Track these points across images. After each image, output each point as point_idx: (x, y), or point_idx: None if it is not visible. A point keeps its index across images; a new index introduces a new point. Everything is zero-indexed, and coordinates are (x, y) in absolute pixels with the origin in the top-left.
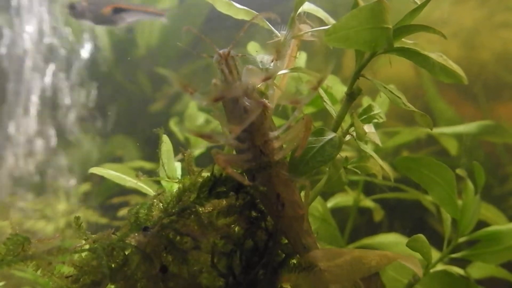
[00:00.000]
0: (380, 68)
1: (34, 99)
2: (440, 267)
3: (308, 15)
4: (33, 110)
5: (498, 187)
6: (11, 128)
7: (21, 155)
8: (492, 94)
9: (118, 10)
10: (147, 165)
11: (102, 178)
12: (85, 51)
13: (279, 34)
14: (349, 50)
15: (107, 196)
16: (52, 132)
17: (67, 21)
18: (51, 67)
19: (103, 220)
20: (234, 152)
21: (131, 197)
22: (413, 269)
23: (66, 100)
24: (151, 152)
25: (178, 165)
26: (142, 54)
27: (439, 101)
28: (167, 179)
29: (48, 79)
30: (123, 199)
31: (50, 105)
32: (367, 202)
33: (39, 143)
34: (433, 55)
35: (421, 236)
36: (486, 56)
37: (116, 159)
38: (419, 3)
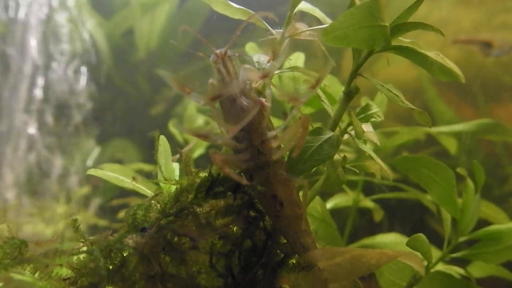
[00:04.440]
0: (379, 70)
1: (32, 101)
2: (440, 266)
3: (305, 14)
4: (32, 111)
5: (498, 187)
6: (8, 130)
7: (20, 158)
8: (491, 95)
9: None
10: (146, 167)
11: (101, 181)
12: (85, 54)
13: (274, 33)
14: (347, 51)
15: (107, 199)
16: (51, 134)
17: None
18: (51, 68)
19: (103, 222)
20: (232, 152)
21: (131, 199)
22: (415, 267)
23: (66, 102)
24: (151, 155)
25: (176, 166)
26: (141, 57)
27: (438, 103)
28: (165, 181)
29: (47, 80)
30: (123, 201)
31: (49, 107)
32: (367, 203)
33: (37, 145)
34: (431, 54)
35: (421, 235)
36: (485, 57)
37: (116, 162)
38: None
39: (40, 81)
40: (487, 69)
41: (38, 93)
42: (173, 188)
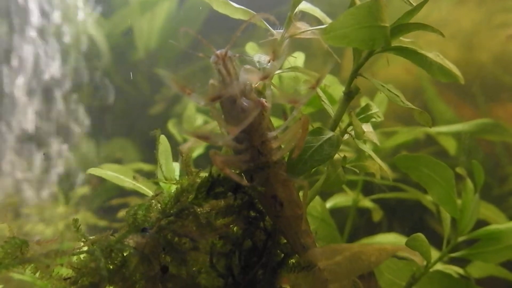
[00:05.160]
0: (379, 70)
1: (32, 100)
2: (439, 266)
3: (305, 14)
4: (32, 112)
5: (497, 187)
6: (7, 129)
7: (19, 157)
8: (491, 95)
9: None
10: (146, 167)
11: (101, 180)
12: (84, 54)
13: (275, 33)
14: (348, 51)
15: (107, 198)
16: (50, 134)
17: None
18: (50, 70)
19: (103, 222)
20: (232, 153)
21: (131, 199)
22: (414, 259)
23: (65, 102)
24: (151, 154)
25: (176, 166)
26: (141, 57)
27: (438, 102)
28: (165, 181)
29: (46, 81)
30: (122, 201)
31: (49, 107)
32: (366, 202)
33: (37, 146)
34: (430, 55)
35: (420, 235)
36: (485, 57)
37: (115, 162)
38: (414, 4)
39: (40, 80)
40: (486, 69)
41: (36, 92)
42: (173, 188)
